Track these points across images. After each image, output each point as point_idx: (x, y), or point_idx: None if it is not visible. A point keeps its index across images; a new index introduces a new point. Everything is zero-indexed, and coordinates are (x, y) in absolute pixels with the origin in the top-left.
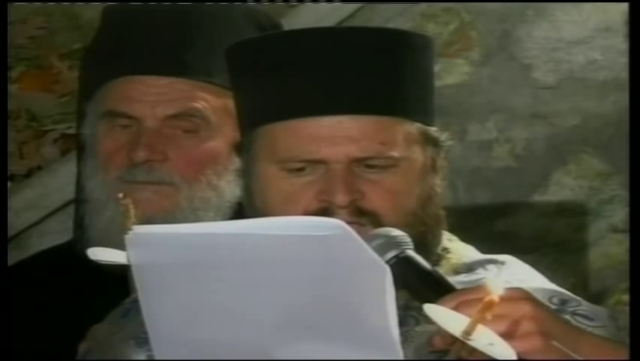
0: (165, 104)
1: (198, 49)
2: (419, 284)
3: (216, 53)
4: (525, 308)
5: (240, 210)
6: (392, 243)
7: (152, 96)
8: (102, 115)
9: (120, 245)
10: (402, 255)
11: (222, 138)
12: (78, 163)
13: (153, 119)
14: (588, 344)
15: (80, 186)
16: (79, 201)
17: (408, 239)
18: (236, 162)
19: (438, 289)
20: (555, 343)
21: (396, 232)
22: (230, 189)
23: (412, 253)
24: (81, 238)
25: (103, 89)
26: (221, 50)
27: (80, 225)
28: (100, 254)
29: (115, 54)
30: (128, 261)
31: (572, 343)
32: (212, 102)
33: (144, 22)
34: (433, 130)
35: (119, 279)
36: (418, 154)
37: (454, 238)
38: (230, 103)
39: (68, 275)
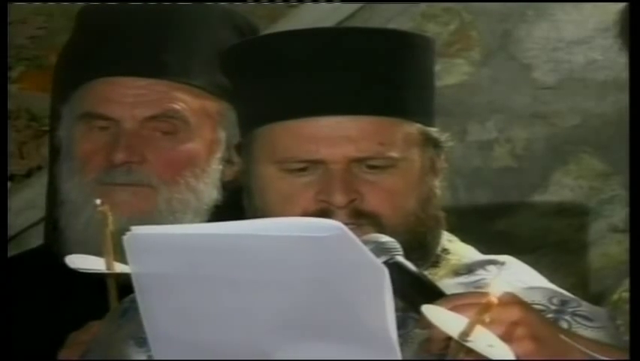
0: (144, 106)
1: (176, 50)
2: (409, 290)
3: (194, 55)
4: (516, 313)
5: (218, 213)
6: (381, 249)
7: (130, 97)
8: (79, 117)
9: (97, 248)
10: (391, 261)
11: (201, 139)
12: (51, 166)
13: (132, 120)
14: (579, 349)
15: (53, 188)
16: (53, 203)
17: (397, 245)
18: (214, 164)
19: (428, 294)
20: (564, 337)
21: (385, 238)
22: (209, 191)
23: (401, 258)
24: (57, 241)
25: (79, 91)
26: (199, 52)
27: (54, 227)
28: (78, 262)
29: (91, 55)
30: (107, 268)
31: (563, 348)
32: (191, 104)
33: (121, 23)
34: (433, 131)
35: (96, 282)
36: (418, 155)
37: (454, 238)
38: (208, 104)
39: (44, 279)
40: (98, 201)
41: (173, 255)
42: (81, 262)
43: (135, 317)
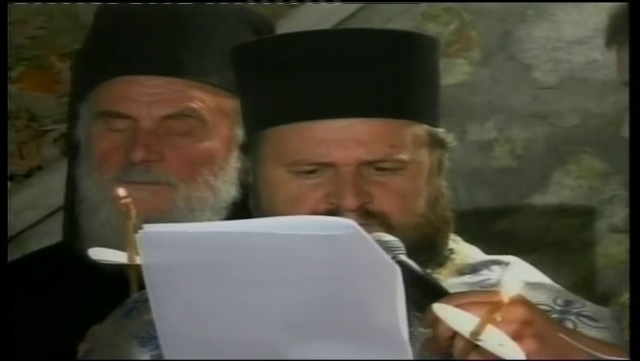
0: (161, 105)
1: (192, 49)
2: (412, 289)
3: (210, 53)
4: (520, 312)
5: (236, 210)
6: (385, 248)
7: (147, 96)
8: (97, 116)
9: (116, 244)
10: (395, 260)
11: (218, 137)
12: (70, 164)
13: (149, 119)
14: (583, 349)
15: (72, 186)
16: (72, 201)
17: (400, 244)
18: (232, 162)
19: (431, 293)
20: (562, 335)
21: (388, 237)
22: (227, 188)
23: (404, 257)
24: (75, 239)
25: (97, 90)
26: (214, 50)
27: (73, 225)
28: (100, 254)
29: (109, 55)
30: (129, 261)
31: (567, 347)
32: (208, 102)
33: (137, 23)
34: (440, 132)
35: (114, 279)
36: (426, 156)
37: (459, 238)
38: (225, 102)
39: (63, 276)
40: (122, 193)
41: (185, 252)
42: (103, 254)
43: (139, 317)
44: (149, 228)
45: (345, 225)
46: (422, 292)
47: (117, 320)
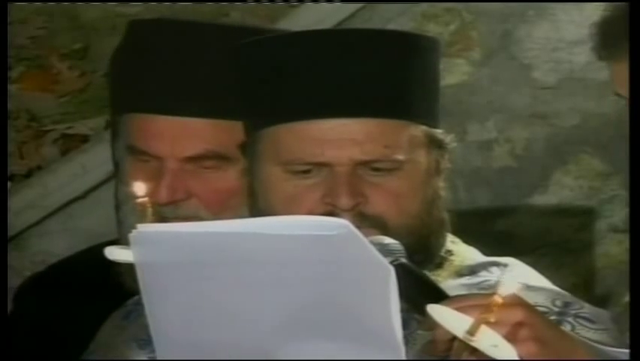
0: (184, 146)
1: (208, 86)
2: (413, 292)
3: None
4: (519, 314)
5: None
6: (385, 251)
7: (170, 137)
8: (126, 147)
9: None
10: (395, 263)
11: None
12: (116, 179)
13: (174, 159)
14: (582, 351)
15: (117, 202)
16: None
17: (401, 247)
18: None
19: (432, 296)
20: (561, 336)
21: (388, 240)
22: None
23: (405, 261)
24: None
25: (126, 119)
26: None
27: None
28: (117, 254)
29: (137, 84)
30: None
31: (566, 349)
32: (232, 138)
33: (166, 60)
34: (438, 133)
35: None
36: (423, 157)
37: (457, 240)
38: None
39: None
40: (139, 191)
41: (179, 253)
42: (119, 254)
43: (138, 319)
44: (142, 227)
45: (339, 225)
46: (423, 295)
47: (116, 323)
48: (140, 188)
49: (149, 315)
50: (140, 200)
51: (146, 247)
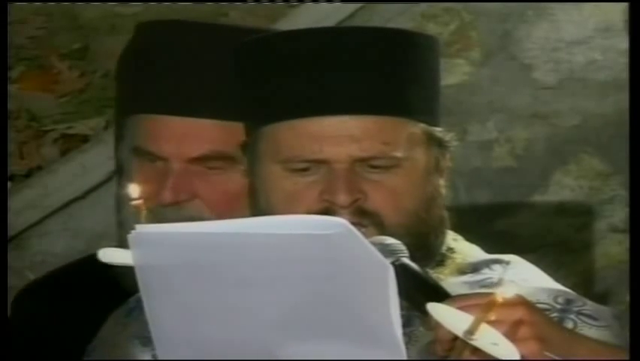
0: (190, 147)
1: (216, 88)
2: (415, 291)
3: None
4: (521, 313)
5: None
6: (387, 251)
7: (176, 138)
8: (132, 149)
9: None
10: (397, 262)
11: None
12: (118, 180)
13: (179, 160)
14: (585, 349)
15: (118, 204)
16: (119, 219)
17: (402, 247)
18: None
19: (434, 295)
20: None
21: (390, 240)
22: None
23: (407, 260)
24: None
25: (132, 120)
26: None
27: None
28: (110, 255)
29: (144, 85)
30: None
31: (567, 348)
32: (237, 139)
33: (173, 61)
34: (437, 130)
35: None
36: (422, 155)
37: (459, 237)
38: None
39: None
40: (134, 193)
41: (178, 252)
42: (112, 255)
43: (140, 316)
44: (141, 228)
45: (337, 224)
46: (425, 295)
47: (119, 320)
48: (135, 190)
49: (149, 315)
50: (134, 202)
51: (145, 248)
